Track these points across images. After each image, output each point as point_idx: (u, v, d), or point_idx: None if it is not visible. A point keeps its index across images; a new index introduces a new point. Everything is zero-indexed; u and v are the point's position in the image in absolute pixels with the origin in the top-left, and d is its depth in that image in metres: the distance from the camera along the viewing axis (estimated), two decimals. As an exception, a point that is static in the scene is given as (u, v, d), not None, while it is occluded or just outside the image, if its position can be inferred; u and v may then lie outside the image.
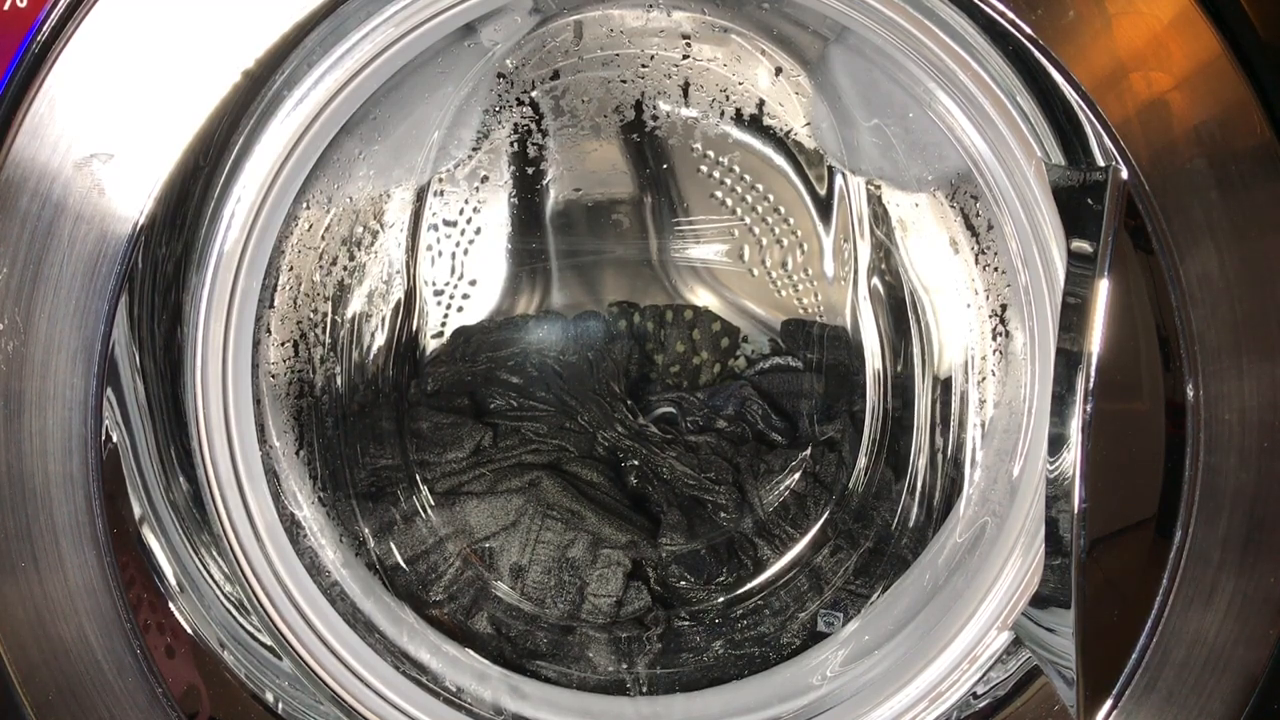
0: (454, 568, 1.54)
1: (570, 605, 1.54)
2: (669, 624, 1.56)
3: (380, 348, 1.62)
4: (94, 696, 1.16)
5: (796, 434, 1.71)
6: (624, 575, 1.54)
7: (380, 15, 1.16)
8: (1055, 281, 1.17)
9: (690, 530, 1.59)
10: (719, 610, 1.59)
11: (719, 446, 1.67)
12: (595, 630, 1.53)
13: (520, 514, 1.56)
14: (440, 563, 1.54)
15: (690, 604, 1.59)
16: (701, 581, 1.58)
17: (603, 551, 1.55)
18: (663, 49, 1.55)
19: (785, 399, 1.72)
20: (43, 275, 1.08)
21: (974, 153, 1.24)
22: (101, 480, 1.12)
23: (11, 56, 1.07)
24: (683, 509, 1.62)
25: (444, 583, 1.53)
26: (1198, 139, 1.08)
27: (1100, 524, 1.09)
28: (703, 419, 1.71)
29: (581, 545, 1.55)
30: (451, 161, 1.61)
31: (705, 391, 1.74)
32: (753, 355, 1.75)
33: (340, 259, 1.51)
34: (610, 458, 1.68)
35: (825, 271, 1.67)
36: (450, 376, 1.69)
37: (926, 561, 1.46)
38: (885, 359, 1.63)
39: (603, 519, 1.56)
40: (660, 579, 1.59)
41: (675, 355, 1.73)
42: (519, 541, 1.56)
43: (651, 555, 1.58)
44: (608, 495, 1.62)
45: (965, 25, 1.13)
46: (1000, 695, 1.28)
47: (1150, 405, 1.11)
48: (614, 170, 1.68)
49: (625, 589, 1.54)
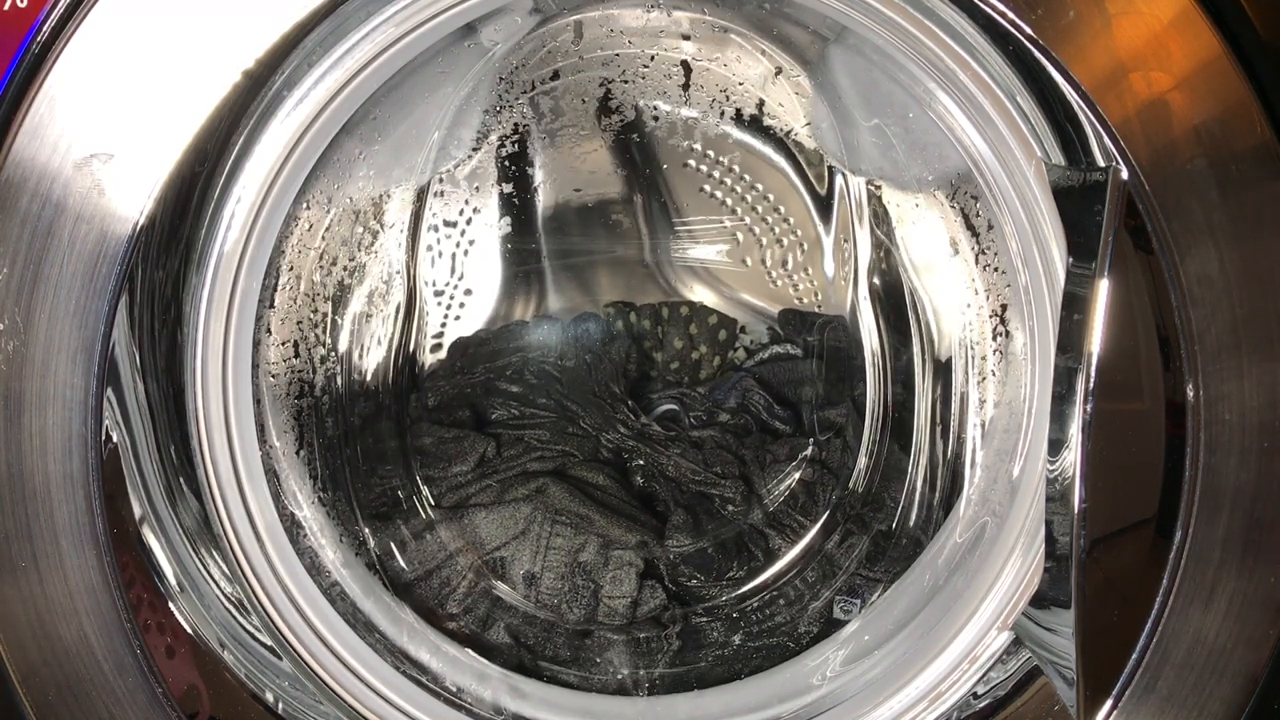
0: (467, 580, 1.54)
1: (586, 609, 1.54)
2: (687, 621, 1.56)
3: (381, 350, 1.62)
4: (94, 696, 1.16)
5: (800, 422, 1.71)
6: (637, 575, 1.54)
7: (380, 15, 1.16)
8: (1055, 281, 1.17)
9: (696, 528, 1.59)
10: (734, 604, 1.59)
11: (723, 440, 1.67)
12: (613, 633, 1.53)
13: (529, 522, 1.56)
14: (453, 577, 1.54)
15: (705, 600, 1.59)
16: (712, 578, 1.58)
17: (614, 553, 1.55)
18: (663, 49, 1.55)
19: (787, 388, 1.73)
20: (43, 275, 1.08)
21: (974, 153, 1.24)
22: (101, 480, 1.12)
23: (11, 56, 1.07)
24: (689, 507, 1.62)
25: (458, 596, 1.53)
26: (1198, 139, 1.08)
27: (1100, 524, 1.09)
28: (705, 414, 1.71)
29: (592, 549, 1.55)
30: (451, 161, 1.61)
31: (706, 386, 1.74)
32: (752, 345, 1.75)
33: (340, 259, 1.51)
34: (615, 459, 1.68)
35: (825, 271, 1.67)
36: (450, 390, 1.70)
37: (926, 561, 1.46)
38: (885, 358, 1.63)
39: (611, 521, 1.56)
40: (674, 579, 1.59)
41: (674, 351, 1.73)
42: (530, 549, 1.55)
43: (661, 554, 1.58)
44: (615, 497, 1.62)
45: (965, 25, 1.13)
46: (1000, 695, 1.28)
47: (1150, 405, 1.11)
48: (614, 170, 1.68)
49: (640, 589, 1.54)
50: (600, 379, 1.70)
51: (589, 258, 1.73)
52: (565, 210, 1.69)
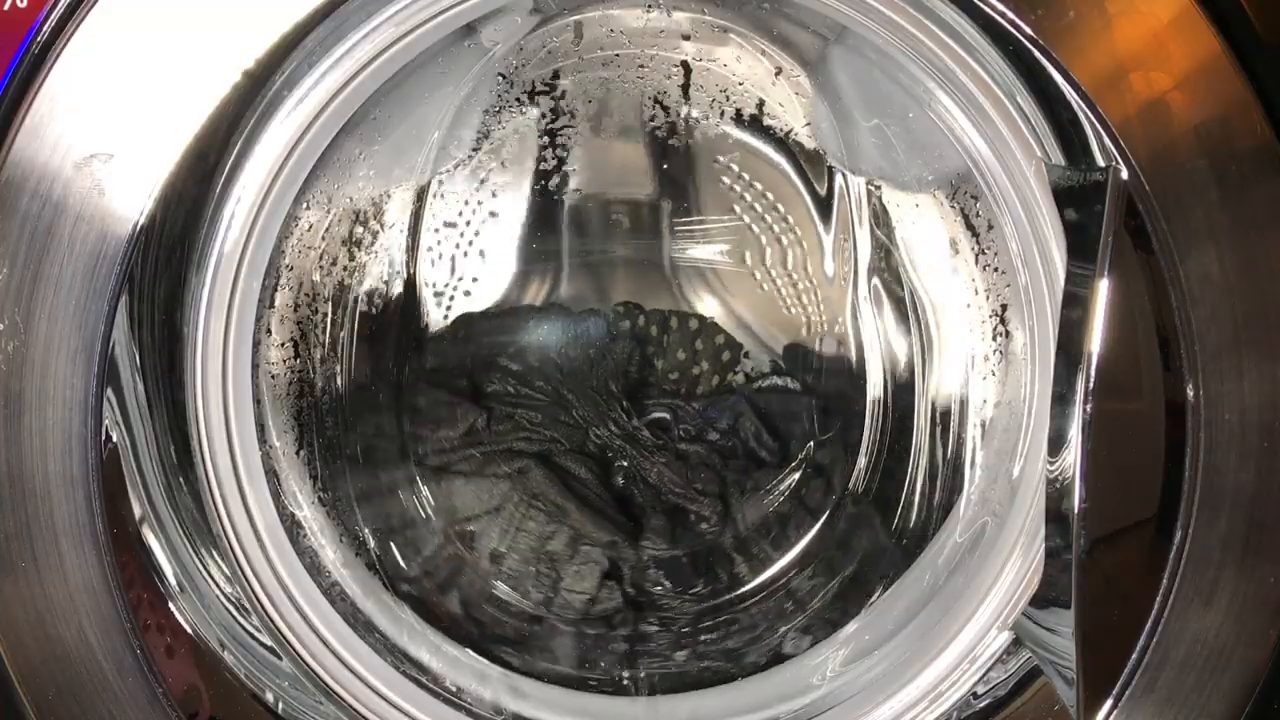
0: (434, 544, 1.53)
1: (543, 597, 1.53)
2: (635, 626, 1.55)
3: (381, 347, 1.62)
4: (94, 696, 1.16)
5: (786, 456, 1.70)
6: (600, 574, 1.54)
7: (380, 15, 1.16)
8: (1055, 281, 1.17)
9: (672, 536, 1.59)
10: (689, 620, 1.58)
11: (708, 458, 1.67)
12: (563, 624, 1.53)
13: (505, 500, 1.55)
14: (422, 537, 1.53)
15: (661, 610, 1.58)
16: (678, 589, 1.58)
17: (582, 548, 1.55)
18: (662, 49, 1.55)
19: (780, 419, 1.71)
20: (43, 275, 1.08)
21: (974, 153, 1.24)
22: (101, 480, 1.12)
23: (11, 56, 1.06)
24: (666, 515, 1.62)
25: (422, 558, 1.52)
26: (1198, 139, 1.08)
27: (1100, 524, 1.08)
28: (695, 428, 1.70)
29: (562, 539, 1.54)
30: (452, 162, 1.61)
31: (701, 401, 1.73)
32: (752, 372, 1.74)
33: (340, 259, 1.51)
34: (600, 455, 1.67)
35: (825, 270, 1.67)
36: (451, 355, 1.68)
37: (926, 561, 1.46)
38: (885, 358, 1.63)
39: (586, 516, 1.56)
40: (635, 582, 1.59)
41: (675, 362, 1.73)
42: (500, 527, 1.55)
43: (631, 556, 1.57)
44: (593, 492, 1.62)
45: (965, 25, 1.13)
46: (1000, 695, 1.28)
47: (1150, 405, 1.11)
48: (614, 170, 1.68)
49: (600, 588, 1.53)
50: (601, 375, 1.70)
51: (598, 256, 1.73)
52: (568, 209, 1.69)
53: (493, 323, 1.71)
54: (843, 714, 1.34)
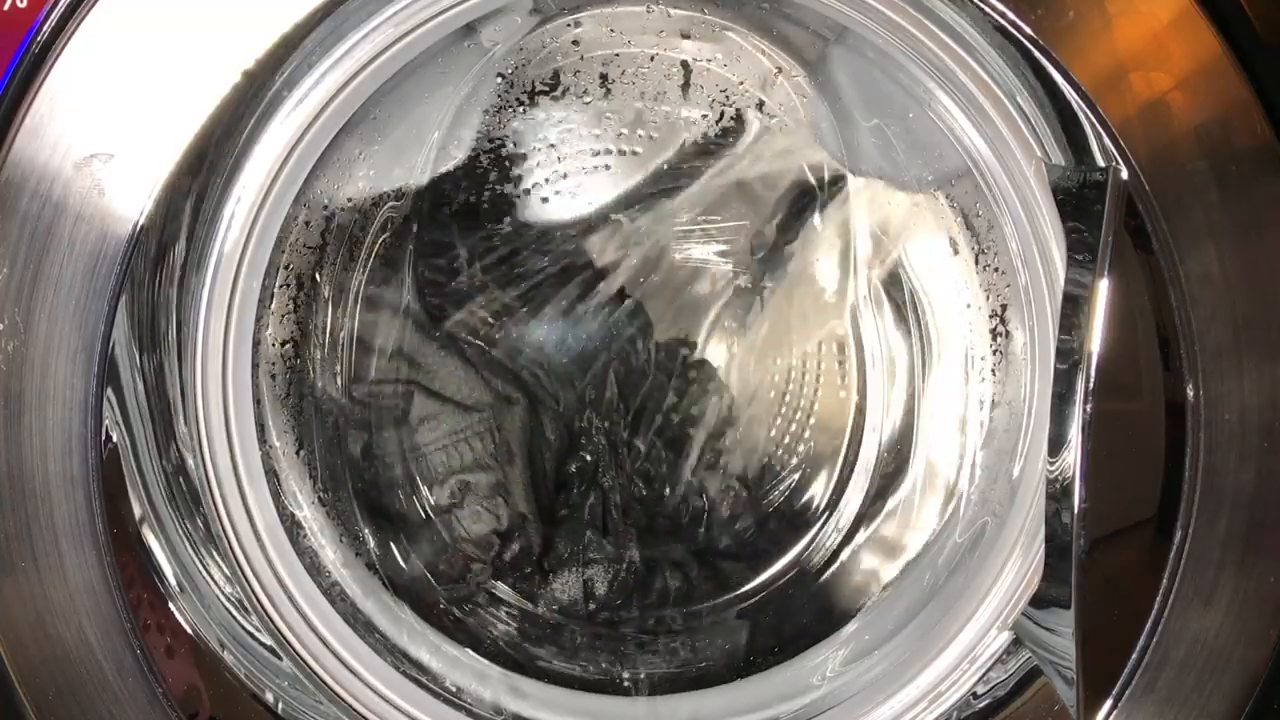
0: (391, 387, 1.50)
1: (436, 504, 1.51)
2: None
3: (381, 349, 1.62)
4: (94, 696, 1.16)
5: (730, 583, 1.63)
6: (492, 532, 1.51)
7: (380, 15, 1.16)
8: (1055, 281, 1.17)
9: (585, 593, 1.57)
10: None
11: (666, 525, 1.62)
12: (487, 604, 1.51)
13: (477, 406, 1.51)
14: (385, 377, 1.50)
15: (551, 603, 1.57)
16: (589, 598, 1.57)
17: (495, 499, 1.52)
18: (662, 49, 1.55)
19: (745, 548, 1.64)
20: (43, 275, 1.08)
21: (974, 153, 1.24)
22: (101, 480, 1.12)
23: (11, 56, 1.07)
24: (583, 566, 1.59)
25: (367, 384, 1.49)
26: (1198, 139, 1.08)
27: (1100, 524, 1.08)
28: (664, 484, 1.63)
29: (488, 480, 1.52)
30: (451, 162, 1.61)
31: (682, 465, 1.65)
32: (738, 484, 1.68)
33: (340, 259, 1.51)
34: (575, 438, 1.64)
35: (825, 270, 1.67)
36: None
37: (926, 561, 1.46)
38: (885, 358, 1.63)
39: (523, 481, 1.52)
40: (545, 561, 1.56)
41: (675, 405, 1.69)
42: (450, 423, 1.52)
43: (535, 542, 1.54)
44: (547, 465, 1.58)
45: (965, 25, 1.13)
46: (1000, 695, 1.28)
47: (1150, 405, 1.11)
48: (613, 171, 1.67)
49: (483, 544, 1.51)
50: (618, 373, 1.66)
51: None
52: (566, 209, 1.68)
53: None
54: (843, 714, 1.34)
